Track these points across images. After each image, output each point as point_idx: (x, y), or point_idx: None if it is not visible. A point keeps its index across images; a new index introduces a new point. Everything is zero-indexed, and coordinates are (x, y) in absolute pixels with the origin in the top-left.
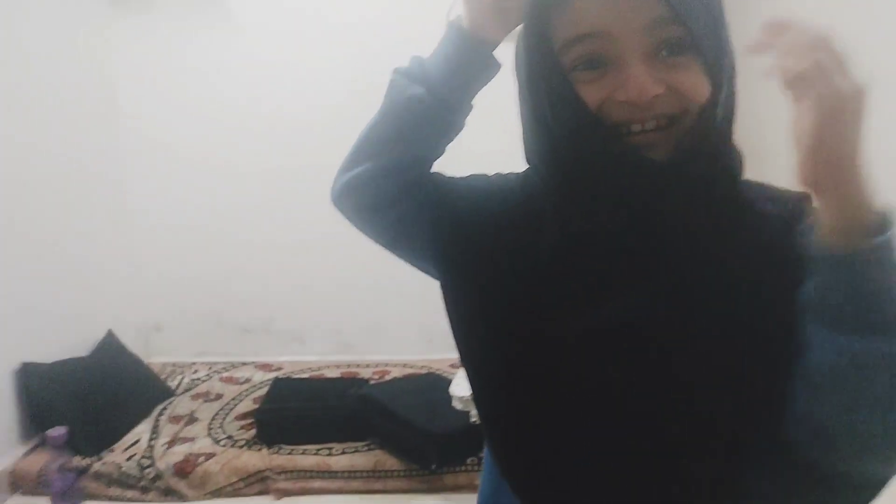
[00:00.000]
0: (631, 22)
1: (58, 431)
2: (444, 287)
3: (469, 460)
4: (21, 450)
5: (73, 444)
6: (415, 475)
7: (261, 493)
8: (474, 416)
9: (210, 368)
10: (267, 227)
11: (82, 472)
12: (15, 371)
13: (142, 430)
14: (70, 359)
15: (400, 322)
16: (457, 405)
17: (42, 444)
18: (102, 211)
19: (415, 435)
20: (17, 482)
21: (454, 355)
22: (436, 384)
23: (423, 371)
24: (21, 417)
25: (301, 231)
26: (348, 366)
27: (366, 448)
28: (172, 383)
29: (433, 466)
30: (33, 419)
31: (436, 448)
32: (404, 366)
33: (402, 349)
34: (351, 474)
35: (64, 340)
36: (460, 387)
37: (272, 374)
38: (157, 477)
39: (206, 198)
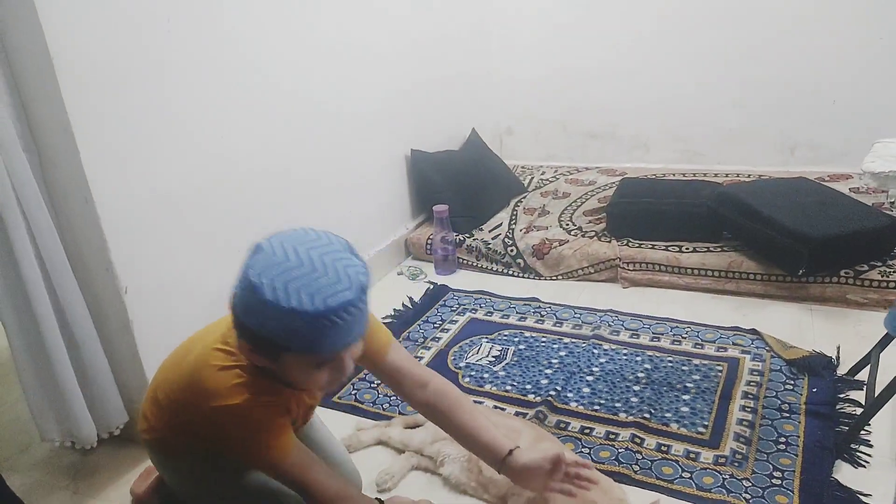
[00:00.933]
0: None
1: (442, 207)
2: None
3: (843, 272)
4: (413, 223)
5: (451, 223)
6: (774, 280)
7: (609, 280)
8: (893, 195)
9: (556, 171)
10: (611, 30)
11: (458, 244)
12: (406, 156)
13: (503, 217)
14: (445, 150)
15: (756, 130)
16: (870, 182)
17: (427, 219)
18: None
19: (784, 236)
20: (410, 248)
21: (824, 168)
22: (808, 188)
23: None
24: (412, 197)
25: (646, 34)
26: (694, 174)
27: (719, 248)
28: (523, 182)
29: (801, 272)
30: (420, 196)
31: (808, 252)
32: (760, 177)
33: (758, 159)
34: (701, 272)
35: (439, 136)
36: (875, 163)
37: (615, 179)
38: (518, 255)
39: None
